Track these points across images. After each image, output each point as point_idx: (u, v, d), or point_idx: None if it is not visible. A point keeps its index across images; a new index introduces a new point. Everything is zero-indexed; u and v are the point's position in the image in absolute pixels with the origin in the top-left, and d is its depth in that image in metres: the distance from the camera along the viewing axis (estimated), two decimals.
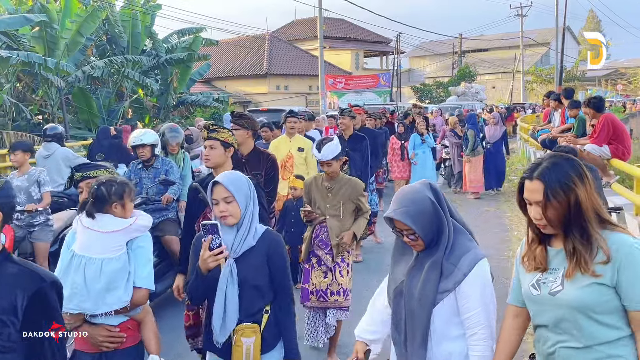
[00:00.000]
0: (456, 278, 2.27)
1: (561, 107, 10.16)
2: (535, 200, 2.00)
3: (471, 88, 36.93)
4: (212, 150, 3.66)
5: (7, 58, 13.44)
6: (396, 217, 2.27)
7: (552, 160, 2.01)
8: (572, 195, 1.95)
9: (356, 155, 6.79)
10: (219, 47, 29.08)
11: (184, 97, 22.44)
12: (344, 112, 7.28)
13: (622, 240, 1.95)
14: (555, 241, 2.10)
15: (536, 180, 2.00)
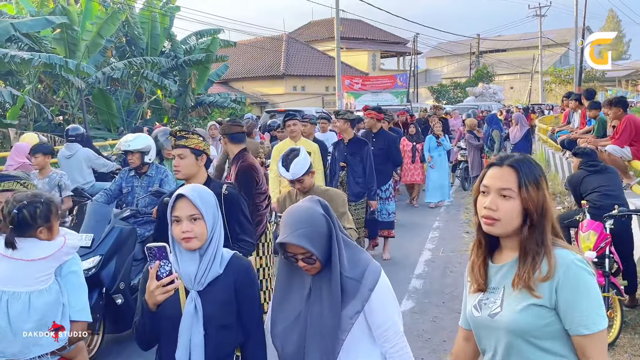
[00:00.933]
0: (363, 295, 2.06)
1: (581, 108, 10.08)
2: (501, 186, 1.77)
3: (489, 89, 36.70)
4: (182, 159, 3.32)
5: (29, 60, 13.64)
6: (293, 242, 2.00)
7: (525, 157, 1.85)
8: (541, 195, 1.76)
9: (355, 161, 6.42)
10: (237, 48, 29.25)
11: (201, 98, 22.61)
12: (340, 114, 6.81)
13: (562, 255, 1.74)
14: (498, 255, 1.89)
15: (507, 167, 1.79)
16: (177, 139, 3.36)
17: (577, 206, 6.02)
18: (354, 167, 6.38)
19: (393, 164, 7.77)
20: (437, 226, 9.25)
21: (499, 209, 1.75)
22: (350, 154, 6.46)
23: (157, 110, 21.53)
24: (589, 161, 5.77)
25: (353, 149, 6.50)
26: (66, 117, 18.43)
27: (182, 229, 2.11)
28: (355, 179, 6.38)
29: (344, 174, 6.44)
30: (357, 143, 6.56)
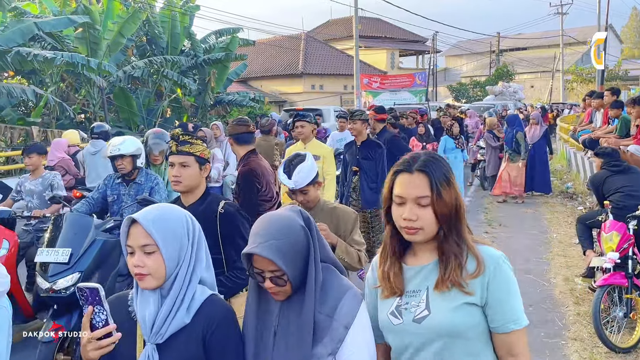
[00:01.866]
0: (337, 335, 1.71)
1: (603, 106, 9.94)
2: (417, 195, 1.66)
3: (509, 87, 36.31)
4: (184, 169, 2.87)
5: (52, 59, 13.83)
6: (262, 254, 1.66)
7: (429, 155, 1.74)
8: (453, 192, 1.69)
9: (369, 165, 5.97)
10: (256, 47, 29.34)
11: (221, 97, 22.73)
12: (355, 114, 6.22)
13: (490, 253, 1.70)
14: (413, 258, 1.77)
15: (418, 172, 1.68)
16: (179, 144, 2.87)
17: (599, 207, 5.96)
18: (368, 171, 5.95)
19: None
20: None
21: (420, 217, 1.67)
22: (364, 157, 6.02)
23: (177, 108, 21.69)
24: (611, 161, 5.70)
25: (366, 152, 6.04)
26: (88, 115, 18.66)
27: (134, 262, 1.70)
28: (368, 184, 5.93)
29: (357, 179, 6.03)
30: (370, 145, 6.07)
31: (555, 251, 7.55)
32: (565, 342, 4.76)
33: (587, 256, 5.74)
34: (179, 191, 2.98)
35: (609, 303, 4.76)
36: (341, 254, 3.11)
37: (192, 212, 2.62)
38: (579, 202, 10.62)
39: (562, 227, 8.88)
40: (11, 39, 14.00)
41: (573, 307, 5.51)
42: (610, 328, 4.63)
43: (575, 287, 6.05)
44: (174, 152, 2.88)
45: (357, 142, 6.13)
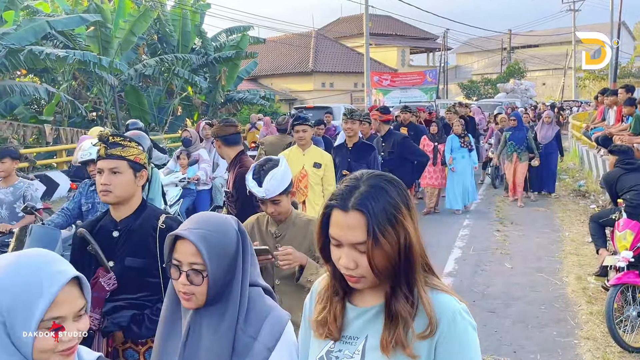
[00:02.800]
0: (259, 358, 1.56)
1: (617, 104, 9.86)
2: (353, 241, 1.35)
3: (520, 85, 36.12)
4: (116, 176, 2.43)
5: (64, 57, 13.93)
6: (189, 237, 1.54)
7: (373, 182, 1.39)
8: (401, 232, 1.36)
9: (360, 168, 5.78)
10: (266, 45, 29.39)
11: (231, 95, 22.79)
12: (354, 114, 5.81)
13: (445, 304, 1.39)
14: (359, 296, 1.47)
15: (354, 211, 1.35)
16: (108, 147, 2.46)
17: (612, 205, 5.91)
18: None
19: (419, 165, 6.89)
20: (468, 224, 9.16)
21: (360, 265, 1.36)
22: (355, 160, 5.64)
23: (188, 106, 21.78)
24: (625, 159, 5.65)
25: (358, 155, 5.69)
26: (99, 113, 18.79)
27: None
28: None
29: None
30: (362, 148, 5.76)
31: (568, 250, 7.51)
32: (578, 342, 4.74)
33: (600, 255, 5.70)
34: (108, 203, 2.49)
35: (623, 302, 4.72)
36: (309, 276, 2.69)
37: (125, 229, 2.48)
38: (591, 200, 10.54)
39: (574, 226, 8.82)
40: (24, 38, 14.11)
41: (586, 306, 5.47)
42: (623, 327, 4.59)
43: (588, 286, 6.01)
44: (102, 156, 2.46)
45: (349, 144, 5.79)
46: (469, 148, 9.90)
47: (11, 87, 13.55)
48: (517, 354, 4.53)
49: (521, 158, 10.38)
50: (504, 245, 7.85)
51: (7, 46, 13.32)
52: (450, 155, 9.82)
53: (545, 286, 6.14)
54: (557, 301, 5.68)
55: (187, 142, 7.50)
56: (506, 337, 4.84)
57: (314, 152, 5.33)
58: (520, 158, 10.39)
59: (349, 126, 5.71)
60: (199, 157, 7.32)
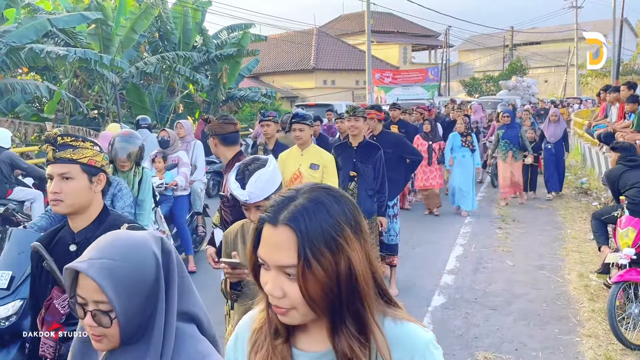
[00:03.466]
0: None
1: (620, 101, 9.83)
2: (280, 263, 1.12)
3: (522, 82, 36.03)
4: (67, 182, 2.14)
5: (65, 55, 13.90)
6: (87, 272, 1.24)
7: (313, 195, 1.15)
8: (342, 257, 1.11)
9: (367, 169, 5.28)
10: (267, 42, 29.35)
11: (232, 92, 22.77)
12: (357, 111, 5.42)
13: (418, 335, 1.21)
14: (304, 336, 1.22)
15: (283, 226, 1.11)
16: (57, 149, 2.15)
17: (615, 202, 5.90)
18: (366, 176, 5.28)
19: (412, 165, 6.55)
20: (469, 221, 9.16)
21: (288, 294, 1.12)
22: (361, 161, 5.31)
23: (189, 104, 21.76)
24: (627, 156, 5.64)
25: (364, 155, 5.34)
26: (101, 111, 18.78)
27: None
28: (367, 191, 5.25)
29: (354, 186, 5.30)
30: (368, 147, 5.39)
31: (570, 247, 7.50)
32: (580, 339, 4.74)
33: (602, 252, 5.69)
34: (60, 213, 2.18)
35: (625, 300, 4.73)
36: None
37: (84, 241, 2.10)
38: (593, 197, 10.53)
39: (576, 223, 8.82)
40: (25, 36, 14.10)
41: (588, 304, 5.47)
42: (625, 325, 4.59)
43: (589, 284, 6.01)
44: (50, 160, 2.16)
45: (353, 143, 5.40)
46: (471, 148, 9.45)
47: (12, 85, 13.53)
48: (518, 351, 4.53)
49: (516, 157, 10.18)
50: (505, 242, 7.85)
51: (8, 44, 13.31)
52: (451, 156, 9.40)
53: (547, 284, 6.14)
54: (559, 299, 5.68)
55: (165, 144, 6.74)
56: (508, 335, 4.85)
57: (312, 152, 4.91)
58: (515, 157, 10.16)
59: (353, 124, 5.34)
60: (178, 160, 6.67)
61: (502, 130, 10.30)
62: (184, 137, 7.19)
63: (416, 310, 5.42)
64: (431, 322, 5.16)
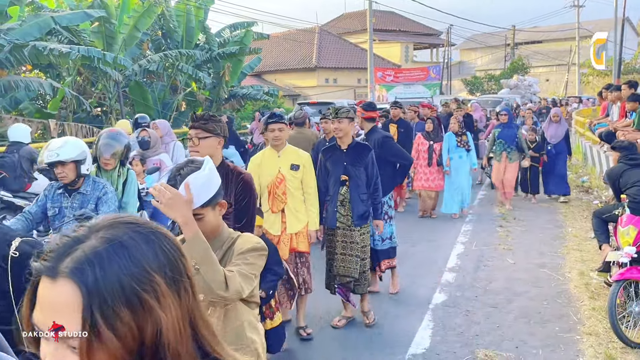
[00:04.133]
0: None
1: (621, 100, 9.86)
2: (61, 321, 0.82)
3: (524, 81, 36.02)
4: None
5: (68, 53, 13.94)
6: None
7: (109, 235, 0.87)
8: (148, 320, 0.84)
9: (358, 172, 4.97)
10: (270, 40, 29.37)
11: (235, 90, 22.81)
12: (340, 112, 4.98)
13: None
14: None
15: (65, 280, 0.82)
16: None
17: (615, 200, 5.94)
18: (358, 180, 4.97)
19: (401, 169, 6.09)
20: (470, 219, 9.20)
21: None
22: (352, 164, 4.98)
23: (192, 102, 21.80)
24: (628, 155, 5.67)
25: (355, 157, 5.00)
26: (104, 108, 18.83)
27: None
28: (359, 195, 4.95)
29: (346, 190, 4.98)
30: (358, 149, 5.04)
31: (571, 245, 7.54)
32: (580, 337, 4.76)
33: (603, 250, 5.72)
34: None
35: (625, 298, 4.74)
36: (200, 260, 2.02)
37: None
38: (594, 196, 10.56)
39: (577, 221, 8.85)
40: (28, 33, 14.14)
41: (588, 302, 5.50)
42: (626, 323, 4.62)
43: (590, 282, 6.04)
44: None
45: (342, 145, 5.04)
46: (466, 148, 9.18)
47: (16, 83, 13.57)
48: (519, 349, 4.56)
49: (511, 158, 9.73)
50: (506, 240, 7.89)
51: (12, 41, 13.35)
52: (448, 156, 9.13)
53: (547, 282, 6.18)
54: (560, 297, 5.71)
55: (145, 144, 6.17)
56: (508, 332, 4.88)
57: (290, 153, 4.71)
58: (509, 158, 9.73)
59: (337, 126, 4.97)
60: (160, 164, 6.11)
61: (498, 129, 9.97)
62: (162, 138, 6.71)
63: (417, 307, 5.47)
64: (432, 319, 5.19)
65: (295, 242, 4.76)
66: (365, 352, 4.58)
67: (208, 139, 3.23)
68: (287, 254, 4.71)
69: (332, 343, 4.70)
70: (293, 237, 4.75)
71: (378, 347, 4.63)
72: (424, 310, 5.40)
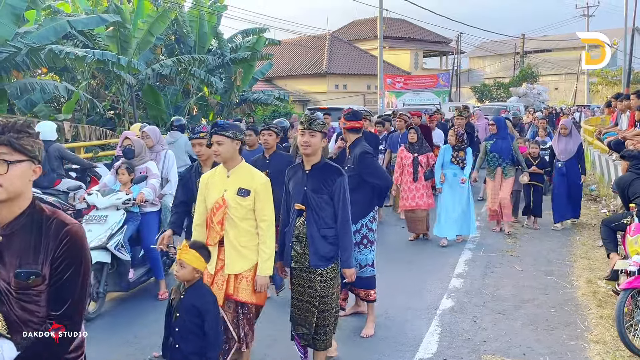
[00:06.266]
0: None
1: (630, 109, 9.92)
2: None
3: (533, 89, 36.01)
4: None
5: (84, 56, 14.14)
6: None
7: None
8: None
9: (320, 201, 3.90)
10: (281, 46, 29.56)
11: (246, 95, 22.99)
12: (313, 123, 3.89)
13: None
14: None
15: None
16: None
17: (624, 209, 5.98)
18: (319, 211, 3.87)
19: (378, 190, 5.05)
20: (478, 226, 9.22)
21: None
22: (313, 190, 3.87)
23: (203, 106, 22.00)
24: (637, 164, 5.73)
25: (318, 181, 3.89)
26: (117, 111, 19.03)
27: None
28: (319, 230, 3.86)
29: (302, 223, 3.92)
30: (325, 171, 3.92)
31: (579, 253, 7.57)
32: (588, 345, 4.78)
33: (611, 259, 5.76)
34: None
35: (633, 306, 4.76)
36: None
37: None
38: (603, 204, 10.58)
39: (585, 230, 8.88)
40: (45, 37, 14.36)
41: (596, 310, 5.52)
42: (633, 332, 4.62)
43: (598, 290, 6.07)
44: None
45: (306, 164, 3.96)
46: (461, 165, 7.93)
47: (32, 85, 13.78)
48: (526, 355, 4.58)
49: (506, 173, 8.52)
50: (514, 247, 7.92)
51: (29, 45, 13.57)
52: (442, 172, 7.94)
53: (555, 289, 6.21)
54: (567, 304, 5.74)
55: (129, 153, 5.89)
56: (515, 339, 4.90)
57: (241, 174, 3.81)
58: (505, 173, 8.53)
59: (306, 140, 3.86)
60: (147, 172, 5.85)
61: (490, 141, 8.71)
62: (153, 147, 6.32)
63: (424, 313, 5.51)
64: (439, 325, 5.22)
65: (233, 286, 3.77)
66: (372, 356, 4.63)
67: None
68: (221, 299, 3.72)
69: (339, 348, 4.74)
70: (231, 280, 3.77)
71: (385, 352, 4.68)
72: (432, 315, 5.43)
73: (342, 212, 3.89)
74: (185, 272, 3.39)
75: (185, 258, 3.37)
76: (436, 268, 7.06)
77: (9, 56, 13.11)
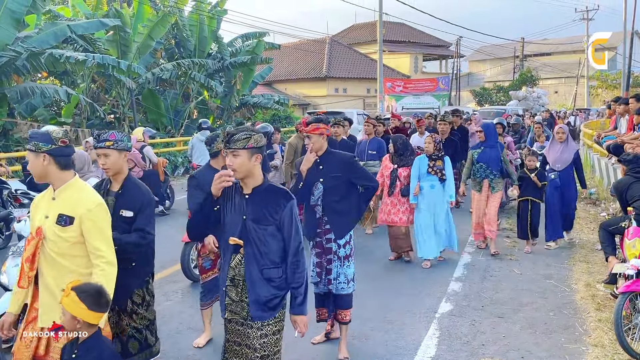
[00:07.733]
0: None
1: (629, 113, 9.94)
2: None
3: (532, 92, 36.08)
4: None
5: (84, 60, 14.20)
6: None
7: None
8: None
9: (264, 235, 3.02)
10: (281, 50, 29.65)
11: (246, 99, 23.04)
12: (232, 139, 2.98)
13: None
14: None
15: None
16: None
17: (622, 213, 5.99)
18: (262, 245, 3.00)
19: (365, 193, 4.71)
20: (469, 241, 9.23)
21: None
22: (253, 219, 3.00)
23: (203, 110, 22.05)
24: (636, 167, 5.73)
25: (259, 208, 3.01)
26: (117, 115, 19.08)
27: None
28: (262, 271, 3.01)
29: (238, 262, 3.05)
30: (268, 195, 3.04)
31: (577, 257, 7.57)
32: (586, 348, 4.78)
33: (609, 262, 5.76)
34: None
35: (631, 310, 4.76)
36: None
37: None
38: (602, 208, 10.58)
39: (584, 233, 8.88)
40: (45, 41, 14.41)
41: (594, 314, 5.53)
42: (631, 335, 4.62)
43: (596, 293, 6.08)
44: None
45: (244, 188, 3.06)
46: (439, 177, 7.03)
47: (32, 89, 13.83)
48: (524, 359, 4.59)
49: (494, 187, 7.63)
50: (513, 251, 7.92)
51: (29, 49, 13.61)
52: (418, 183, 7.04)
53: (554, 292, 6.21)
54: (566, 308, 5.74)
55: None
56: (514, 343, 4.90)
57: (68, 197, 2.98)
58: (492, 187, 7.63)
59: (229, 162, 2.99)
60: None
61: (477, 150, 7.77)
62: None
63: (423, 316, 5.51)
64: (438, 328, 5.22)
65: (45, 345, 2.92)
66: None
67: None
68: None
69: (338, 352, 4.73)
70: (43, 341, 2.92)
71: (384, 355, 4.68)
72: (430, 319, 5.43)
73: (294, 245, 3.04)
74: (65, 321, 2.62)
75: (63, 302, 2.61)
76: (435, 271, 7.06)
77: (9, 60, 13.15)
